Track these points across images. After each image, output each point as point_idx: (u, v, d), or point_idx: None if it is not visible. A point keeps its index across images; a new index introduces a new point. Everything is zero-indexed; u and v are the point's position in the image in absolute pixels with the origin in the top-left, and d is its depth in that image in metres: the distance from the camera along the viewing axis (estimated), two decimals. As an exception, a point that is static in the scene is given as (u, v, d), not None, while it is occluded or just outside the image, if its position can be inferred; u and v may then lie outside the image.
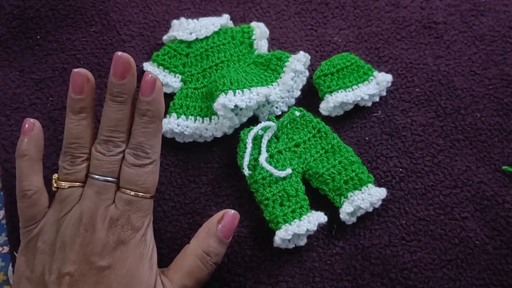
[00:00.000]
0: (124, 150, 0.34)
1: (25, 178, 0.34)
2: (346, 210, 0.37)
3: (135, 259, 0.32)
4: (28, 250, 0.33)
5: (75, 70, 0.34)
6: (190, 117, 0.40)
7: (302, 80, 0.43)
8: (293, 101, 0.43)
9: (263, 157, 0.38)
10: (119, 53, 0.33)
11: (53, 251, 0.32)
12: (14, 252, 0.38)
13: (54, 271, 0.31)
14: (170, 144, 0.41)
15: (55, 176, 0.34)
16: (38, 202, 0.34)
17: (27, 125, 0.34)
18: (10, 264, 0.39)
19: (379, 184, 0.39)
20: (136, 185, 0.33)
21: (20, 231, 0.34)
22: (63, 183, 0.33)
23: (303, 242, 0.37)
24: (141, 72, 0.43)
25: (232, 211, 0.36)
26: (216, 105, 0.38)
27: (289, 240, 0.36)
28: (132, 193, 0.33)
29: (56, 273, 0.31)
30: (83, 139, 0.34)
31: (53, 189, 0.34)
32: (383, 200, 0.38)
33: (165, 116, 0.40)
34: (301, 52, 0.42)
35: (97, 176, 0.33)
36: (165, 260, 0.37)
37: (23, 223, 0.34)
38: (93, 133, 0.35)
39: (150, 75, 0.33)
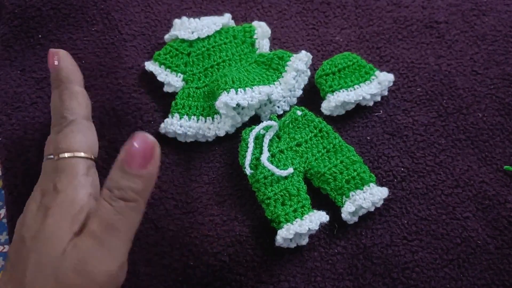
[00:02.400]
0: None
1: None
2: (348, 210, 0.37)
3: (55, 223, 0.30)
4: None
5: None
6: (192, 117, 0.40)
7: (303, 80, 0.43)
8: (294, 100, 0.43)
9: (265, 156, 0.38)
10: (51, 49, 0.37)
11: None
12: None
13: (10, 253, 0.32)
14: (171, 143, 0.41)
15: None
16: None
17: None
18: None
19: (380, 184, 0.39)
20: (58, 148, 0.33)
21: None
22: None
23: (305, 241, 0.37)
24: (143, 72, 0.43)
25: (143, 133, 0.29)
26: (218, 104, 0.38)
27: (290, 240, 0.36)
28: (55, 157, 0.33)
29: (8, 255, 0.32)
30: None
31: None
32: (385, 199, 0.38)
33: (167, 117, 0.40)
34: (303, 52, 0.42)
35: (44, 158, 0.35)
36: (166, 257, 0.37)
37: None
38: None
39: (50, 51, 0.37)
